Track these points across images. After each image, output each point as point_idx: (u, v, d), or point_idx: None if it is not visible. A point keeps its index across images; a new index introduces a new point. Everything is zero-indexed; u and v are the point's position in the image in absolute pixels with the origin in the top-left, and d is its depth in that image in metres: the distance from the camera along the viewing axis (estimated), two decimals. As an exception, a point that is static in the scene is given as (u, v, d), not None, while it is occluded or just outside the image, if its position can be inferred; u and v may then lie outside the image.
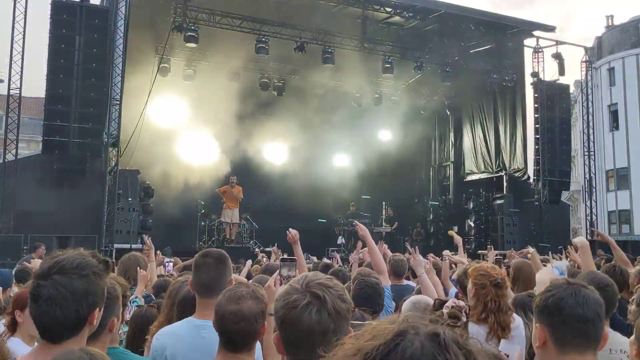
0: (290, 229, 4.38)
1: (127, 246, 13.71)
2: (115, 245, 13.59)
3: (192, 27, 15.67)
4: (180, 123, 19.64)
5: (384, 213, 22.98)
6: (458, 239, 7.10)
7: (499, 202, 19.97)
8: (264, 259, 10.22)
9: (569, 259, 6.99)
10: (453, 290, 5.35)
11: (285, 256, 3.58)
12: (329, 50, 17.20)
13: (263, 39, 16.48)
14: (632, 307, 3.36)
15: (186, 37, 15.69)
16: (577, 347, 1.93)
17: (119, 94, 14.20)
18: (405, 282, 5.68)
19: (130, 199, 14.64)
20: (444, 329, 1.00)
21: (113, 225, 13.86)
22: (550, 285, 2.09)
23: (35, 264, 6.05)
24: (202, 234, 17.89)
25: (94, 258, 1.99)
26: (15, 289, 4.94)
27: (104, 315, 2.36)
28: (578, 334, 1.93)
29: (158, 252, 7.45)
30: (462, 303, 2.60)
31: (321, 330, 1.57)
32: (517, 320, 3.26)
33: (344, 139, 23.13)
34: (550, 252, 10.50)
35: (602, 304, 2.01)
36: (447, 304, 2.59)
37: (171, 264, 7.39)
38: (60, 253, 1.96)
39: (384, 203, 23.30)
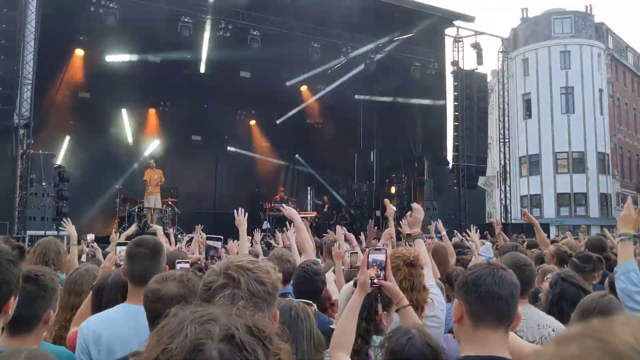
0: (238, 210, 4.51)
1: (42, 233, 13.12)
2: (29, 232, 12.99)
3: (111, 5, 15.06)
4: (98, 103, 18.95)
5: (309, 198, 23.27)
6: (391, 211, 6.61)
7: (419, 187, 20.65)
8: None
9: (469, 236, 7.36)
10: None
11: (211, 236, 3.67)
12: (255, 33, 17.05)
13: (186, 19, 16.11)
14: (545, 285, 3.61)
15: (104, 15, 15.06)
16: (489, 323, 2.04)
17: (32, 73, 13.48)
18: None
19: (44, 184, 13.98)
20: (239, 322, 0.98)
21: (26, 211, 13.24)
22: (473, 265, 2.22)
23: None
24: (121, 219, 17.42)
25: (7, 244, 1.89)
26: None
27: (40, 307, 2.31)
28: (491, 309, 2.04)
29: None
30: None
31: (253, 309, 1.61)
32: (436, 291, 3.38)
33: (271, 121, 23.19)
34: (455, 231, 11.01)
35: (517, 286, 2.13)
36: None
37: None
38: None
39: (309, 188, 23.60)
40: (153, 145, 21.08)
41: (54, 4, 14.54)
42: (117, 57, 17.67)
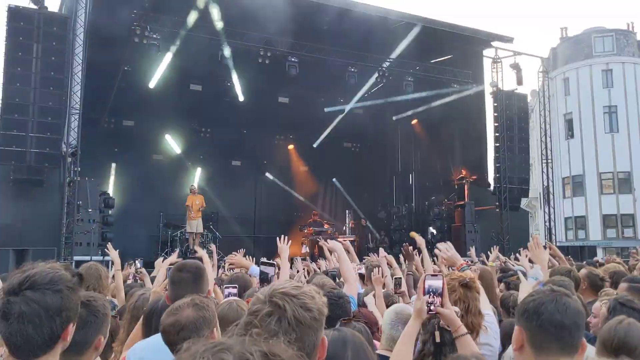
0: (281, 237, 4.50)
1: (88, 258, 13.38)
2: (75, 258, 13.25)
3: (154, 36, 15.52)
4: (142, 131, 19.44)
5: (347, 221, 23.18)
6: (421, 241, 6.54)
7: (460, 209, 20.35)
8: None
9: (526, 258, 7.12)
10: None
11: (265, 261, 3.68)
12: (293, 59, 17.28)
13: (226, 48, 16.46)
14: (602, 311, 3.43)
15: (148, 44, 15.52)
16: (552, 352, 1.96)
17: (79, 102, 13.92)
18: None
19: (90, 210, 14.33)
20: (254, 349, 0.97)
21: (72, 237, 13.52)
22: (534, 291, 2.13)
23: None
24: (164, 244, 17.68)
25: (67, 271, 1.89)
26: None
27: (91, 332, 2.29)
28: (554, 339, 1.96)
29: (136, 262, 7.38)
30: (456, 308, 2.62)
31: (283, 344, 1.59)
32: (490, 319, 3.28)
33: (308, 146, 23.34)
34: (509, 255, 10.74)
35: (582, 314, 2.05)
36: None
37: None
38: (30, 266, 1.84)
39: (347, 211, 23.53)
40: (195, 171, 21.45)
41: (100, 36, 15.08)
42: (159, 86, 18.10)
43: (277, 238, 4.59)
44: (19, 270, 1.84)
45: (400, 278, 5.01)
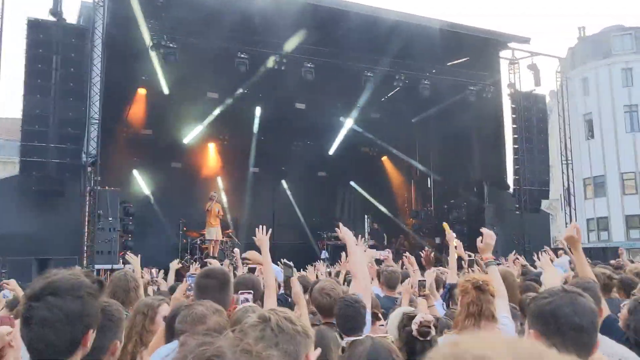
0: (262, 227, 4.28)
1: (109, 267, 13.52)
2: (97, 266, 13.36)
3: (170, 45, 15.62)
4: (160, 140, 19.59)
5: (366, 226, 23.08)
6: (450, 236, 6.25)
7: (480, 212, 20.11)
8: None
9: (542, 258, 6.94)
10: (439, 301, 5.33)
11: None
12: (309, 65, 17.27)
13: (242, 55, 16.50)
14: (623, 312, 3.38)
15: (165, 54, 15.62)
16: (569, 355, 1.91)
17: (98, 113, 14.06)
18: (397, 293, 5.61)
19: (110, 219, 14.42)
20: (243, 358, 0.98)
21: (94, 246, 13.64)
22: (546, 292, 2.06)
23: None
24: (183, 251, 17.75)
25: (88, 278, 1.90)
26: None
27: (107, 337, 2.29)
28: (572, 342, 1.92)
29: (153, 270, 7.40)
30: (430, 317, 2.58)
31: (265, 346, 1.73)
32: (506, 322, 3.20)
33: (325, 152, 23.33)
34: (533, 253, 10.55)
35: (597, 313, 2.01)
36: (415, 320, 2.58)
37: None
38: (52, 273, 1.85)
39: (366, 216, 23.43)
40: (214, 178, 21.52)
41: (118, 47, 15.26)
42: (176, 95, 18.20)
43: (256, 228, 4.31)
44: (41, 277, 1.86)
45: (425, 280, 4.91)
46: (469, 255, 6.47)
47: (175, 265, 6.98)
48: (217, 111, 19.85)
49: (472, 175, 21.38)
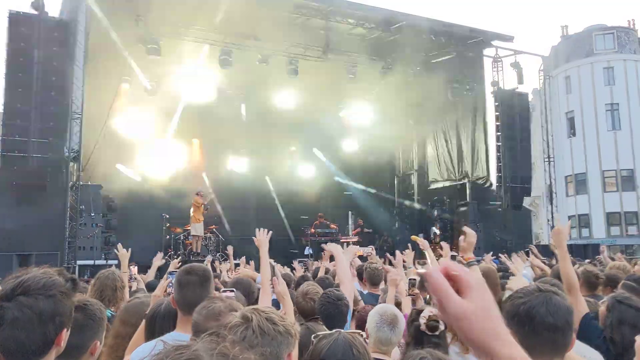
0: (260, 229, 4.35)
1: (91, 262, 13.46)
2: (78, 262, 13.30)
3: (154, 39, 15.53)
4: (143, 136, 19.43)
5: (350, 222, 23.12)
6: (424, 244, 6.38)
7: (463, 209, 20.30)
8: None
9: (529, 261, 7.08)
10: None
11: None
12: (293, 61, 17.27)
13: (227, 51, 16.45)
14: (602, 309, 3.45)
15: (148, 49, 15.53)
16: (545, 354, 1.94)
17: (80, 107, 13.95)
18: (379, 290, 5.68)
19: (92, 214, 14.35)
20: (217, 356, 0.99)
21: (76, 241, 13.55)
22: (521, 292, 2.07)
23: None
24: (167, 247, 17.67)
25: (61, 276, 1.88)
26: None
27: (87, 337, 2.29)
28: (547, 341, 1.94)
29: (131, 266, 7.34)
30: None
31: (246, 347, 1.77)
32: None
33: (309, 149, 23.31)
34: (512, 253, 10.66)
35: (572, 311, 2.03)
36: (423, 314, 2.59)
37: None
38: (24, 272, 1.84)
39: (350, 212, 23.47)
40: (198, 174, 21.37)
41: (101, 41, 15.12)
42: (159, 90, 18.07)
43: (257, 229, 4.38)
44: (12, 276, 1.84)
45: (415, 279, 4.95)
46: (453, 256, 6.54)
47: (159, 260, 6.97)
48: (201, 106, 19.74)
49: (455, 172, 21.53)
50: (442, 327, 2.54)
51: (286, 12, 15.33)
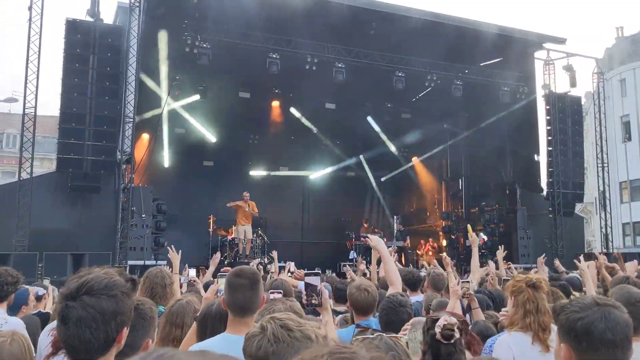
0: (293, 270, 4.41)
1: (141, 263, 13.77)
2: (129, 262, 13.62)
3: (204, 46, 15.80)
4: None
5: (395, 228, 22.96)
6: (473, 239, 6.28)
7: (512, 215, 19.87)
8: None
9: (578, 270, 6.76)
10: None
11: (310, 272, 3.60)
12: (340, 65, 17.26)
13: (274, 56, 16.58)
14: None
15: (199, 55, 15.79)
16: None
17: (132, 111, 14.32)
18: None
19: (143, 216, 14.68)
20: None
21: (127, 242, 13.88)
22: (578, 305, 2.01)
23: None
24: (214, 250, 17.92)
25: (121, 277, 1.96)
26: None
27: (139, 336, 2.34)
28: (606, 357, 1.88)
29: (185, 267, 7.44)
30: (453, 319, 2.58)
31: (263, 355, 1.89)
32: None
33: (357, 154, 23.33)
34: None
35: (631, 326, 1.95)
36: (438, 323, 2.58)
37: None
38: (87, 272, 1.92)
39: (395, 217, 23.32)
40: (244, 177, 21.68)
41: (153, 47, 15.52)
42: (209, 94, 18.38)
43: (368, 234, 4.53)
44: (76, 276, 1.92)
45: (469, 282, 4.82)
46: (508, 265, 6.40)
47: (217, 259, 7.03)
48: (248, 111, 20.01)
49: (504, 177, 21.11)
50: (457, 335, 2.52)
51: (328, 13, 15.34)
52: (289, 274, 6.97)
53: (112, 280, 1.90)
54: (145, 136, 18.22)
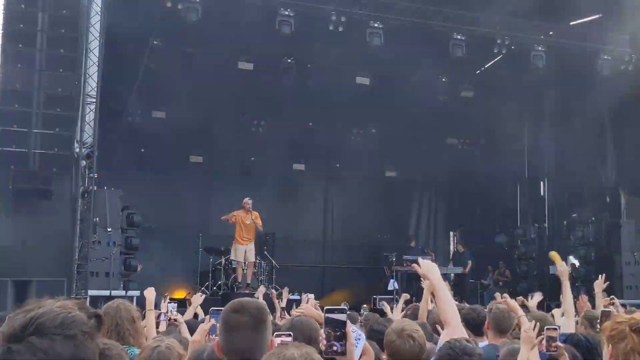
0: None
1: (106, 293, 13.84)
2: (90, 292, 13.66)
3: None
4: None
5: (452, 248, 22.88)
6: (563, 269, 6.23)
7: (615, 231, 19.68)
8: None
9: None
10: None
11: (332, 307, 3.57)
12: (376, 25, 17.25)
13: (286, 12, 16.59)
14: None
15: (184, 11, 15.82)
16: None
17: (96, 89, 14.34)
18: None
19: (109, 230, 14.73)
20: None
21: (87, 265, 13.93)
22: None
23: None
24: (204, 276, 18.01)
25: (82, 311, 1.92)
26: None
27: None
28: None
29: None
30: None
31: None
32: None
33: (399, 148, 23.19)
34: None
35: None
36: None
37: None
38: (36, 304, 1.87)
39: (452, 234, 23.22)
40: (246, 179, 21.67)
41: (122, 2, 15.59)
42: (199, 65, 18.48)
43: (419, 258, 4.43)
44: (21, 310, 1.87)
45: (556, 328, 4.77)
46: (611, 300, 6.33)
47: (199, 299, 7.16)
48: (251, 88, 20.07)
49: (605, 179, 20.90)
50: None
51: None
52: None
53: (69, 315, 1.86)
54: (113, 122, 18.36)
